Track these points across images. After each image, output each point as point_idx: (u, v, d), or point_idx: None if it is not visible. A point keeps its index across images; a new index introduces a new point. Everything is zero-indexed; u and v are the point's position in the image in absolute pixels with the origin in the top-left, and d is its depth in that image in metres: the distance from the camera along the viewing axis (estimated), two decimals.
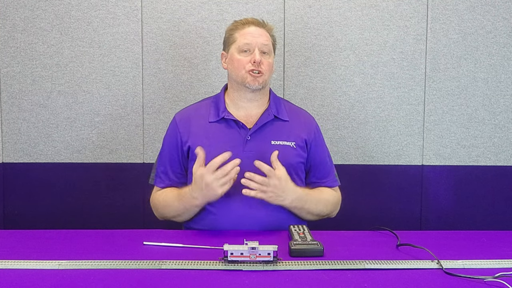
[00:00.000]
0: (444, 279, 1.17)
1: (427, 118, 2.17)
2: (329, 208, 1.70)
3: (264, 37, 1.65)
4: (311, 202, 1.62)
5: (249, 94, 1.66)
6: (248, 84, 1.62)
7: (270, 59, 1.66)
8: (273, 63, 1.70)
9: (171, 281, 1.15)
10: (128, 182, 2.14)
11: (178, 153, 1.68)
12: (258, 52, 1.61)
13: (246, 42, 1.63)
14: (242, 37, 1.64)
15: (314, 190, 1.68)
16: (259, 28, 1.66)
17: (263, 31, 1.66)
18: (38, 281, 1.14)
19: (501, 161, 2.19)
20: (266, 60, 1.63)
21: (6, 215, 2.16)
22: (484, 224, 2.18)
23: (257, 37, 1.63)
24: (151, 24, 2.13)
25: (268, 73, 1.65)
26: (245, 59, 1.62)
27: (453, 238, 1.51)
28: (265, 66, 1.62)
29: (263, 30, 1.66)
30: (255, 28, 1.65)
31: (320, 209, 1.66)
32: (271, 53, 1.67)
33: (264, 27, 1.67)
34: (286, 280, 1.16)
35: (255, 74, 1.61)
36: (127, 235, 1.48)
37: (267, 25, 1.69)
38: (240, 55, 1.63)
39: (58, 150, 2.15)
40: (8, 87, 2.13)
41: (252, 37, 1.63)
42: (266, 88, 1.70)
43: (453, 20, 2.15)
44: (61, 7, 2.11)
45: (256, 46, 1.62)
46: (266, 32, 1.67)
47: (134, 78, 2.14)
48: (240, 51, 1.64)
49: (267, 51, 1.64)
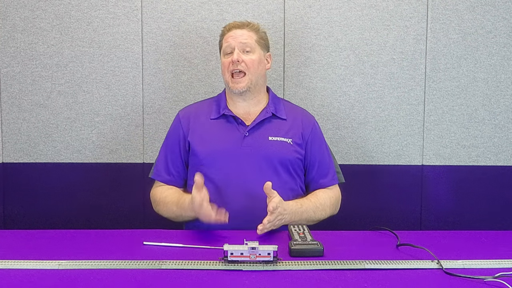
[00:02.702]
0: (444, 279, 1.17)
1: (427, 118, 2.17)
2: (328, 211, 1.71)
3: (244, 36, 1.71)
4: (307, 212, 1.63)
5: (239, 96, 1.72)
6: (231, 88, 1.69)
7: (254, 56, 1.70)
8: (264, 60, 1.75)
9: (171, 281, 1.15)
10: (128, 182, 2.14)
11: (179, 147, 1.72)
12: (236, 52, 1.68)
13: (227, 44, 1.71)
14: (225, 41, 1.73)
15: (310, 198, 1.68)
16: (240, 29, 1.72)
17: (243, 31, 1.72)
18: (38, 281, 1.14)
19: (501, 161, 2.19)
20: (248, 58, 1.69)
21: (6, 215, 2.16)
22: (484, 224, 2.18)
23: (236, 38, 1.70)
24: (151, 24, 2.13)
25: (253, 70, 1.69)
26: (227, 61, 1.70)
27: (453, 238, 1.51)
28: (247, 64, 1.68)
29: (244, 30, 1.72)
30: (235, 30, 1.72)
31: (319, 216, 1.68)
32: (254, 50, 1.71)
33: (246, 27, 1.73)
34: (286, 280, 1.16)
35: (236, 78, 1.67)
36: (127, 235, 1.49)
37: (250, 24, 1.74)
38: (224, 58, 1.72)
39: (58, 150, 2.15)
40: (8, 87, 2.13)
41: (232, 39, 1.70)
42: (258, 86, 1.73)
43: (453, 20, 2.15)
44: (61, 7, 2.11)
45: (235, 46, 1.69)
46: (248, 31, 1.72)
47: (134, 78, 2.14)
48: (224, 54, 1.72)
49: (249, 49, 1.70)
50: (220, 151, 1.66)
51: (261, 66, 1.73)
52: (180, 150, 1.72)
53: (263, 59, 1.75)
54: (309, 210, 1.63)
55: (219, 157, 1.64)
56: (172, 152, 1.73)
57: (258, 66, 1.71)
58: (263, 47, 1.75)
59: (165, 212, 1.68)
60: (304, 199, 1.68)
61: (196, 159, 1.69)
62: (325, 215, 1.69)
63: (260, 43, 1.74)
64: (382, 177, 2.18)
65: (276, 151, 1.65)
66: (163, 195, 1.69)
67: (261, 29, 1.77)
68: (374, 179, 2.18)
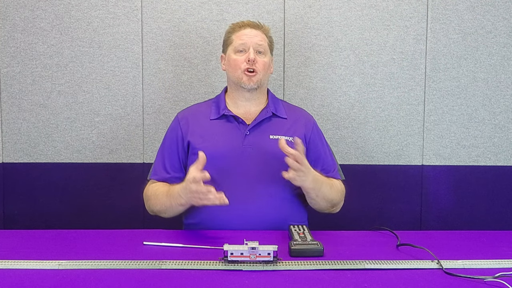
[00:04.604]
0: (444, 279, 1.17)
1: (427, 118, 2.17)
2: (339, 196, 1.71)
3: (259, 37, 1.72)
4: (326, 185, 1.63)
5: (246, 93, 1.72)
6: (243, 83, 1.69)
7: (266, 58, 1.72)
8: (270, 64, 1.77)
9: (171, 281, 1.15)
10: (128, 182, 2.14)
11: (178, 147, 1.72)
12: (252, 51, 1.68)
13: (241, 42, 1.70)
14: (238, 38, 1.72)
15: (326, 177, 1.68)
16: (255, 29, 1.73)
17: (258, 32, 1.73)
18: (38, 281, 1.14)
19: (501, 161, 2.19)
20: (261, 59, 1.70)
21: (6, 215, 2.16)
22: (484, 224, 2.18)
23: (252, 37, 1.70)
24: (151, 24, 2.13)
25: (263, 72, 1.71)
26: (241, 59, 1.69)
27: (453, 238, 1.51)
28: (259, 65, 1.69)
29: (259, 31, 1.74)
30: (250, 30, 1.73)
31: (334, 195, 1.67)
32: (266, 53, 1.73)
33: (260, 29, 1.75)
34: (286, 280, 1.16)
35: (249, 73, 1.68)
36: (127, 235, 1.48)
37: (263, 27, 1.76)
38: (236, 55, 1.71)
39: (58, 150, 2.15)
40: (8, 87, 2.13)
41: (247, 38, 1.71)
42: (263, 88, 1.75)
43: (453, 20, 2.15)
44: (61, 7, 2.11)
45: (251, 45, 1.69)
46: (262, 33, 1.74)
47: (134, 78, 2.14)
48: (236, 51, 1.71)
49: (262, 50, 1.71)
50: (221, 150, 1.65)
51: (269, 70, 1.76)
52: (177, 150, 1.72)
53: (270, 63, 1.77)
54: (327, 184, 1.64)
55: (220, 155, 1.64)
56: (169, 152, 1.73)
57: (268, 69, 1.74)
58: (271, 50, 1.78)
59: (155, 205, 1.65)
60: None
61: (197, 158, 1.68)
62: (337, 199, 1.69)
63: (270, 47, 1.77)
64: (382, 177, 2.18)
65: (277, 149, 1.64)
66: (153, 189, 1.68)
67: (270, 33, 1.79)
68: (374, 179, 2.18)
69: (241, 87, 1.70)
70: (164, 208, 1.63)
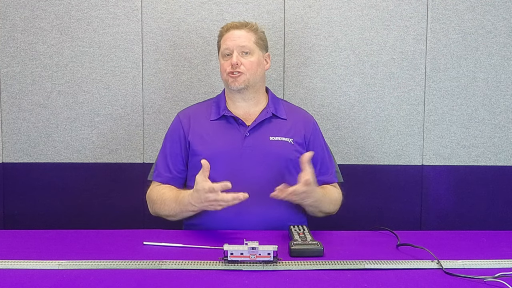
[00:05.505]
0: (444, 279, 1.17)
1: (427, 118, 2.17)
2: (336, 207, 1.74)
3: (243, 38, 1.70)
4: (325, 202, 1.65)
5: (237, 94, 1.72)
6: (230, 85, 1.70)
7: (253, 58, 1.70)
8: (262, 60, 1.75)
9: (171, 281, 1.15)
10: (128, 182, 2.14)
11: (180, 147, 1.72)
12: (235, 55, 1.68)
13: (226, 47, 1.71)
14: (223, 43, 1.73)
15: (327, 191, 1.70)
16: (238, 30, 1.72)
17: (242, 33, 1.71)
18: (38, 281, 1.14)
19: (501, 161, 2.19)
20: (247, 60, 1.69)
21: (6, 215, 2.16)
22: (484, 224, 2.18)
23: (234, 40, 1.70)
24: (151, 24, 2.13)
25: (250, 72, 1.69)
26: (226, 63, 1.70)
27: (453, 238, 1.51)
28: (245, 66, 1.68)
29: (243, 31, 1.72)
30: (233, 32, 1.72)
31: (331, 209, 1.71)
32: (253, 52, 1.71)
33: (244, 28, 1.72)
34: (286, 280, 1.16)
35: (234, 76, 1.68)
36: (127, 235, 1.49)
37: (248, 24, 1.74)
38: (223, 60, 1.72)
39: (58, 150, 2.15)
40: (8, 87, 2.13)
41: (230, 41, 1.70)
42: (256, 87, 1.74)
43: (453, 20, 2.15)
44: (61, 7, 2.11)
45: (234, 49, 1.69)
46: (247, 32, 1.72)
47: (134, 78, 2.14)
48: (223, 56, 1.73)
49: (248, 51, 1.70)
50: (221, 151, 1.65)
51: (260, 67, 1.73)
52: (181, 149, 1.72)
53: (262, 60, 1.74)
54: (327, 200, 1.66)
55: (220, 157, 1.64)
56: (172, 152, 1.72)
57: (257, 68, 1.71)
58: (261, 47, 1.74)
59: (163, 210, 1.65)
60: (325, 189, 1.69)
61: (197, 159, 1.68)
62: (332, 210, 1.72)
63: (258, 44, 1.73)
64: (382, 177, 2.18)
65: (277, 151, 1.65)
66: (160, 193, 1.67)
67: (260, 29, 1.76)
68: (374, 179, 2.18)
69: (229, 88, 1.71)
70: (173, 213, 1.63)
